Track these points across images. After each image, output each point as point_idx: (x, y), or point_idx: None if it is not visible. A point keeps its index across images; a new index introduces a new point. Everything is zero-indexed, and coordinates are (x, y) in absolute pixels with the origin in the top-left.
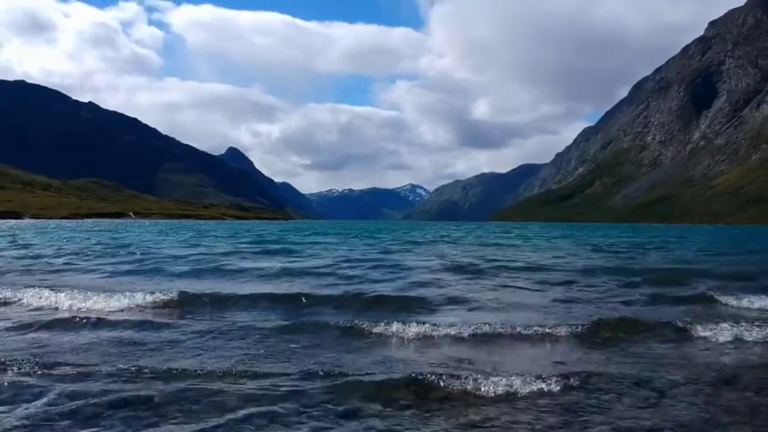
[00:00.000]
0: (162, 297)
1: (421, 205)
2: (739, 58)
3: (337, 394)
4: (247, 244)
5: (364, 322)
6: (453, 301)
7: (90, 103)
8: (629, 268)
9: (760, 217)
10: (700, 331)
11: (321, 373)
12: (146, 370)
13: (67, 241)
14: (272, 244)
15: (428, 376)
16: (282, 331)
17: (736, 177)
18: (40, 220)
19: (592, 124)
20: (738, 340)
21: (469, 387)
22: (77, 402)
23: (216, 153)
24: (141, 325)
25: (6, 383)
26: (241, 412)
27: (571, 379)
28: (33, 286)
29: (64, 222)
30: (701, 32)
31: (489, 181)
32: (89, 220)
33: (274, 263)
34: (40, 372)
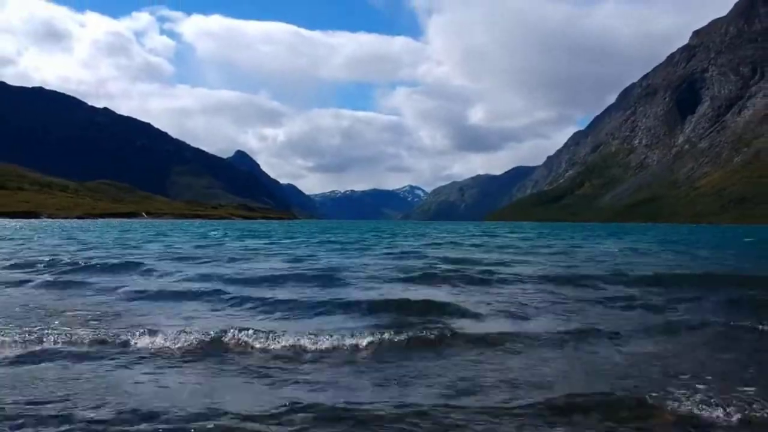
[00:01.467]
0: None
1: (420, 205)
2: (721, 66)
3: None
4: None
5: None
6: None
7: (105, 108)
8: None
9: (742, 217)
10: None
11: None
12: None
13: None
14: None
15: None
16: None
17: (718, 179)
18: (56, 220)
19: (582, 128)
20: None
21: None
22: None
23: (224, 156)
24: None
25: None
26: None
27: None
28: None
29: (71, 222)
30: (686, 41)
31: (484, 183)
32: (102, 220)
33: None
34: None
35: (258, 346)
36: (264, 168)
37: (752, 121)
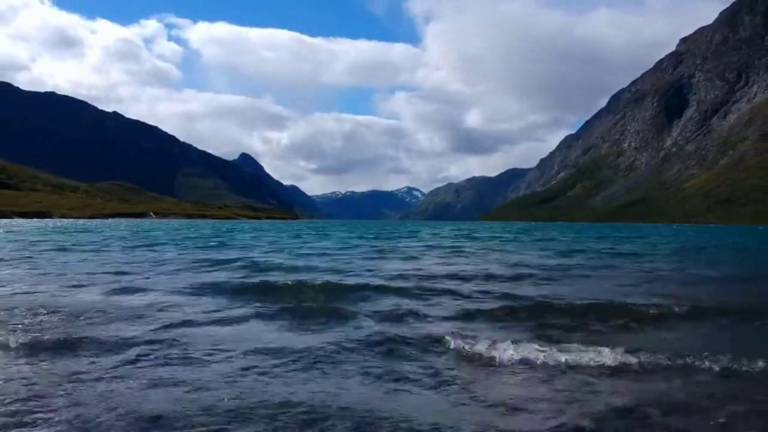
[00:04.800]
0: None
1: (418, 206)
2: (707, 72)
3: None
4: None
5: None
6: None
7: (114, 112)
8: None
9: (728, 217)
10: None
11: None
12: None
13: None
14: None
15: None
16: None
17: (705, 180)
18: (68, 220)
19: (574, 132)
20: None
21: None
22: None
23: (230, 158)
24: None
25: None
26: None
27: None
28: None
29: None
30: (673, 48)
31: (479, 184)
32: (112, 219)
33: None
34: None
35: None
36: (268, 170)
37: (737, 125)
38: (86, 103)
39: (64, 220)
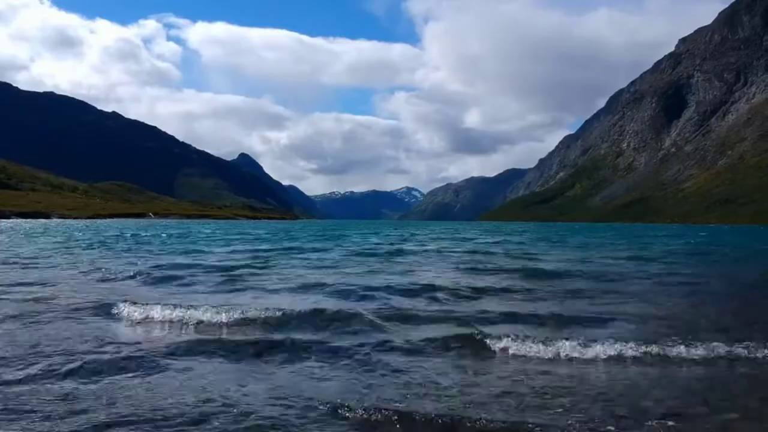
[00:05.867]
0: None
1: (417, 206)
2: (706, 72)
3: None
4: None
5: None
6: None
7: (114, 112)
8: None
9: (726, 217)
10: None
11: None
12: None
13: None
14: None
15: None
16: None
17: (703, 181)
18: (67, 220)
19: (573, 132)
20: None
21: None
22: None
23: (229, 158)
24: None
25: None
26: None
27: None
28: None
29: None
30: (672, 48)
31: (478, 185)
32: (112, 220)
33: None
34: None
35: None
36: (268, 170)
37: (736, 125)
38: (86, 103)
39: (62, 220)
